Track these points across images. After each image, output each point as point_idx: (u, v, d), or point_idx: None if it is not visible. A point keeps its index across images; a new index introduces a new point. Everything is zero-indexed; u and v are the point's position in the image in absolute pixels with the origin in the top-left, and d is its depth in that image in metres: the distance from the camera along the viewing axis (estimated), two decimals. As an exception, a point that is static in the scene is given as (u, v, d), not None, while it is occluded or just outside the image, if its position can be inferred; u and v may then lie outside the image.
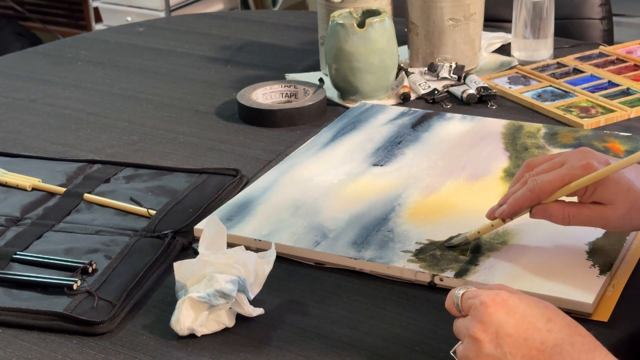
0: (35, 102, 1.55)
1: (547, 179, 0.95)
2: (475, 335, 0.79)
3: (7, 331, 0.96)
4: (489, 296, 0.80)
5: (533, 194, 0.96)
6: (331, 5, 1.50)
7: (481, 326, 0.79)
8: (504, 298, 0.80)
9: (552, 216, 0.96)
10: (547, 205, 0.96)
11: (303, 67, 1.63)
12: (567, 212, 0.95)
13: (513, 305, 0.79)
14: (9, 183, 1.25)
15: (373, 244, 1.04)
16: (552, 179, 0.95)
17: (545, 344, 0.77)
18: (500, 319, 0.79)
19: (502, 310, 0.79)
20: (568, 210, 0.95)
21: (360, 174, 1.20)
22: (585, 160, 0.94)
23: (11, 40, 3.20)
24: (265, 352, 0.91)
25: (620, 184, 0.94)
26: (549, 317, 0.79)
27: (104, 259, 1.06)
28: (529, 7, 1.54)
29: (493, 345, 0.78)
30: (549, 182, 0.95)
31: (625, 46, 1.61)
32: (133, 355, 0.91)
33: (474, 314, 0.80)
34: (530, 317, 0.79)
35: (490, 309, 0.79)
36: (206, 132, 1.40)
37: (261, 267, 0.95)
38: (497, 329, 0.78)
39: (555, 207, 0.96)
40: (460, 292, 0.84)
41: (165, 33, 1.87)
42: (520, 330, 0.78)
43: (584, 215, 0.95)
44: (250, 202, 1.14)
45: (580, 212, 0.95)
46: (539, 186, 0.95)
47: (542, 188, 0.95)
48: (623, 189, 0.94)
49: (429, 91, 1.46)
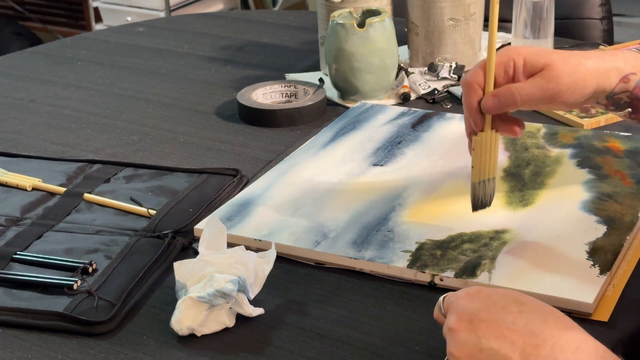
0: (35, 102, 1.55)
1: (470, 70, 0.96)
2: (452, 326, 0.79)
3: (7, 331, 0.96)
4: (464, 290, 0.81)
5: (466, 86, 0.96)
6: (331, 5, 1.50)
7: (456, 317, 0.79)
8: (478, 289, 0.81)
9: (501, 99, 0.94)
10: (491, 92, 0.95)
11: (303, 67, 1.63)
12: (513, 88, 0.94)
13: (486, 294, 0.80)
14: (9, 183, 1.25)
15: (373, 243, 1.04)
16: (474, 69, 0.96)
17: (517, 323, 0.77)
18: (473, 307, 0.79)
19: (476, 299, 0.79)
20: (513, 87, 0.94)
21: (360, 173, 1.20)
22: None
23: (11, 40, 3.20)
24: (265, 352, 0.91)
25: (542, 49, 0.95)
26: (521, 301, 0.79)
27: (104, 259, 1.06)
28: (529, 7, 1.54)
29: (467, 332, 0.78)
30: (471, 72, 0.96)
31: (625, 46, 1.61)
32: (133, 355, 0.91)
33: (451, 309, 0.81)
34: (502, 302, 0.79)
35: (464, 299, 0.80)
36: (206, 132, 1.40)
37: (261, 267, 0.95)
38: (470, 316, 0.78)
39: (500, 90, 0.95)
40: (442, 298, 0.84)
41: (165, 33, 1.87)
42: (493, 314, 0.78)
43: (532, 86, 0.94)
44: (250, 202, 1.14)
45: (525, 85, 0.94)
46: (463, 80, 0.96)
47: (467, 77, 0.95)
48: (546, 51, 0.95)
49: (429, 91, 1.46)
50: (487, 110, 0.96)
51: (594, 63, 0.95)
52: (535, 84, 0.94)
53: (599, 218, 1.06)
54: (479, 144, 0.98)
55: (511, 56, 0.94)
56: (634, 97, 0.97)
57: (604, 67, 0.96)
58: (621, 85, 0.96)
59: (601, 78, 0.95)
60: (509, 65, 0.95)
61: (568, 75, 0.94)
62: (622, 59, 0.97)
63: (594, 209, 1.08)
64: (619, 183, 1.13)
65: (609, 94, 0.97)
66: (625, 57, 0.97)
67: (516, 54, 0.95)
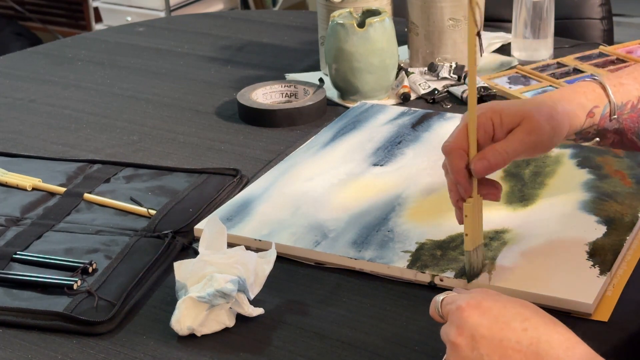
0: (35, 102, 1.55)
1: (450, 137, 0.95)
2: (453, 340, 0.79)
3: (7, 331, 0.96)
4: (464, 300, 0.80)
5: (450, 153, 0.94)
6: (331, 5, 1.50)
7: (457, 330, 0.79)
8: (478, 300, 0.80)
9: (490, 160, 0.94)
10: (478, 155, 0.94)
11: (303, 67, 1.63)
12: (499, 148, 0.94)
13: (487, 307, 0.79)
14: (9, 183, 1.25)
15: (373, 244, 1.04)
16: (454, 134, 0.95)
17: (521, 343, 0.77)
18: (474, 322, 0.78)
19: (477, 313, 0.79)
20: (498, 147, 0.94)
21: (360, 173, 1.20)
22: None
23: (11, 40, 3.20)
24: (265, 352, 0.91)
25: (515, 103, 0.96)
26: (525, 316, 0.78)
27: (104, 259, 1.06)
28: (529, 7, 1.54)
29: (470, 349, 0.78)
30: (453, 137, 0.95)
31: (625, 46, 1.61)
32: (133, 355, 0.91)
33: (451, 319, 0.80)
34: (504, 317, 0.78)
35: (465, 312, 0.79)
36: (206, 132, 1.40)
37: (261, 267, 0.95)
38: (472, 332, 0.78)
39: (486, 152, 0.94)
40: (440, 298, 0.84)
41: (165, 33, 1.87)
42: (495, 331, 0.78)
43: (514, 141, 0.94)
44: (250, 202, 1.14)
45: (509, 143, 0.94)
46: (446, 147, 0.94)
47: (449, 144, 0.94)
48: (518, 104, 0.96)
49: (429, 91, 1.46)
50: (477, 174, 0.94)
51: (564, 106, 0.98)
52: (518, 139, 0.95)
53: (599, 218, 1.06)
54: (471, 210, 0.94)
55: (488, 115, 0.95)
56: (600, 129, 1.01)
57: (571, 108, 0.98)
58: (588, 121, 1.00)
59: (572, 119, 0.98)
60: (488, 125, 0.95)
61: (546, 123, 0.95)
62: (583, 94, 1.00)
63: (594, 209, 1.08)
64: (619, 183, 1.13)
65: (579, 131, 1.00)
66: (584, 92, 1.00)
67: (492, 112, 0.95)
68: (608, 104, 1.00)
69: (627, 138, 1.02)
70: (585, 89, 1.00)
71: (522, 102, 0.98)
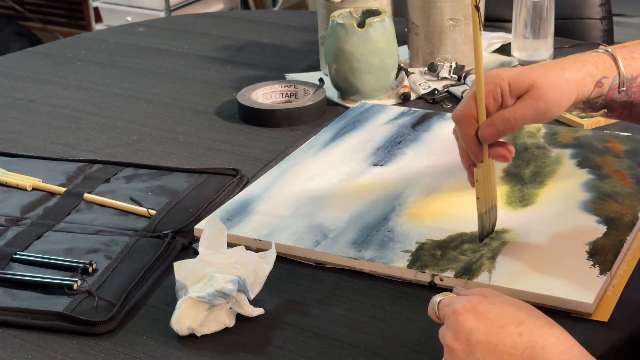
0: (35, 102, 1.55)
1: (460, 105, 0.97)
2: (449, 345, 0.79)
3: (7, 331, 0.96)
4: (460, 303, 0.80)
5: (460, 120, 0.97)
6: (331, 5, 1.50)
7: (453, 335, 0.79)
8: (474, 304, 0.80)
9: (498, 126, 0.96)
10: (486, 122, 0.96)
11: (303, 67, 1.63)
12: (507, 114, 0.96)
13: (483, 311, 0.79)
14: (9, 183, 1.25)
15: (373, 243, 1.04)
16: (463, 102, 0.97)
17: (516, 347, 0.77)
18: (470, 326, 0.78)
19: (473, 317, 0.79)
20: (506, 113, 0.96)
21: (360, 173, 1.20)
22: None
23: (11, 40, 3.20)
24: (265, 352, 0.91)
25: (523, 70, 0.97)
26: (520, 320, 0.78)
27: (104, 259, 1.06)
28: (529, 7, 1.54)
29: (466, 354, 0.78)
30: (462, 106, 0.97)
31: (625, 46, 1.60)
32: (133, 355, 0.91)
33: (448, 323, 0.80)
34: (500, 321, 0.78)
35: (461, 316, 0.79)
36: (206, 132, 1.40)
37: (261, 267, 0.95)
38: (468, 336, 0.78)
39: (494, 118, 0.96)
40: (437, 300, 0.84)
41: (165, 33, 1.87)
42: (491, 336, 0.78)
43: (522, 108, 0.96)
44: (250, 202, 1.14)
45: (517, 109, 0.96)
46: (456, 115, 0.97)
47: (459, 112, 0.97)
48: (527, 70, 0.96)
49: (429, 91, 1.46)
50: (485, 140, 0.97)
51: (572, 74, 0.98)
52: (526, 106, 0.96)
53: (599, 218, 1.06)
54: (482, 174, 0.98)
55: (497, 83, 0.96)
56: (608, 100, 1.01)
57: (580, 76, 0.99)
58: (596, 90, 1.00)
59: (580, 87, 0.99)
60: (496, 92, 0.96)
61: (553, 90, 0.96)
62: (593, 64, 1.00)
63: (594, 209, 1.08)
64: (619, 183, 1.13)
65: (586, 100, 1.00)
66: (595, 62, 1.00)
67: (500, 79, 0.97)
68: (617, 76, 1.00)
69: (636, 111, 1.02)
70: (596, 59, 1.00)
71: (530, 68, 0.98)
